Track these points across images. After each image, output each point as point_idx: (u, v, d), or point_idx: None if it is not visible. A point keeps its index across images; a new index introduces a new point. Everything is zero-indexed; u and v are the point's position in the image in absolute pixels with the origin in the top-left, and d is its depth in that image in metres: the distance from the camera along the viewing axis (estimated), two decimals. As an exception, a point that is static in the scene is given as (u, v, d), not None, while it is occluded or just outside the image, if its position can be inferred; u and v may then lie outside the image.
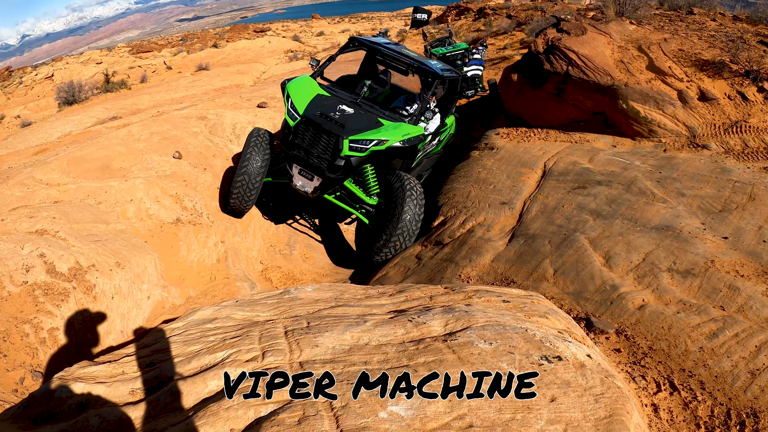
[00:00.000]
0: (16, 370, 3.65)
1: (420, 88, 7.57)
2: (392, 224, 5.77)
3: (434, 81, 6.82)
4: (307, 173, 6.12)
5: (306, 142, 6.08)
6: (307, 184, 6.16)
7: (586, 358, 2.31)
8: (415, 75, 7.55)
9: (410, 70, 7.48)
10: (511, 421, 1.88)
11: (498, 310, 2.74)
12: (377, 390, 1.99)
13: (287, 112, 6.29)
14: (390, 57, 7.27)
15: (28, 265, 4.37)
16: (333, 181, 6.11)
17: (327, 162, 6.01)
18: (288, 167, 6.20)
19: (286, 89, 6.49)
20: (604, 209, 4.98)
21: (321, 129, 5.98)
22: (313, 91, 6.53)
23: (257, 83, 18.63)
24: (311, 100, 6.31)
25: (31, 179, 6.30)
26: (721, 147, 6.15)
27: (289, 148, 6.18)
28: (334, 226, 7.79)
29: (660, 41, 7.41)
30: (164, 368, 2.34)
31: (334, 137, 5.92)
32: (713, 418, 2.59)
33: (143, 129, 8.02)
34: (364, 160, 6.10)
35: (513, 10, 22.84)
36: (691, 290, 3.66)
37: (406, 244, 5.82)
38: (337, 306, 2.94)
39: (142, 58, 37.02)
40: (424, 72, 6.99)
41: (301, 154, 6.11)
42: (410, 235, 5.82)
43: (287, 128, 6.30)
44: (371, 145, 5.89)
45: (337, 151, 5.91)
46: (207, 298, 5.30)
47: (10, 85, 37.02)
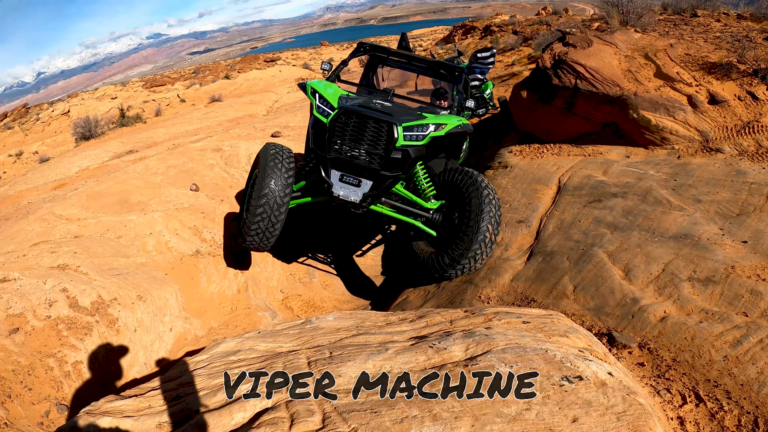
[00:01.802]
0: (42, 403, 3.71)
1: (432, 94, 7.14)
2: (470, 229, 4.90)
3: (461, 75, 6.52)
4: (353, 178, 5.09)
5: (348, 138, 5.05)
6: (353, 191, 5.10)
7: (608, 376, 2.30)
8: (437, 73, 7.03)
9: (431, 68, 6.96)
10: (536, 444, 1.89)
11: (518, 331, 2.74)
12: (401, 417, 2.00)
13: (316, 108, 5.28)
14: (407, 57, 6.92)
15: (51, 300, 4.45)
16: (387, 182, 5.09)
17: (379, 158, 5.01)
18: (324, 175, 5.09)
19: (309, 86, 5.54)
20: (621, 221, 4.96)
21: (367, 118, 5.02)
22: (336, 90, 5.57)
23: (270, 112, 18.84)
24: (340, 97, 5.38)
25: (51, 214, 6.43)
26: (735, 149, 6.11)
27: (325, 149, 5.08)
28: (348, 260, 7.65)
29: (666, 47, 7.41)
30: (190, 401, 2.36)
31: (385, 125, 4.99)
32: (740, 427, 2.56)
33: (160, 162, 8.15)
34: (420, 154, 5.15)
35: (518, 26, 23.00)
36: (713, 298, 3.62)
37: (487, 252, 4.99)
38: (359, 334, 2.96)
39: (155, 92, 37.65)
40: (450, 68, 6.66)
41: (343, 155, 5.04)
42: (492, 241, 4.98)
43: (319, 127, 5.21)
44: (429, 131, 5.07)
45: (391, 142, 4.96)
46: (229, 329, 5.33)
47: (28, 121, 37.88)
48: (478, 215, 4.89)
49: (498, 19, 31.36)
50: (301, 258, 7.33)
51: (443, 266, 5.06)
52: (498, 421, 1.98)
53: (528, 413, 2.02)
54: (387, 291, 6.16)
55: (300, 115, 12.93)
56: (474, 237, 4.87)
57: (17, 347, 3.94)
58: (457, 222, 5.15)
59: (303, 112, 13.42)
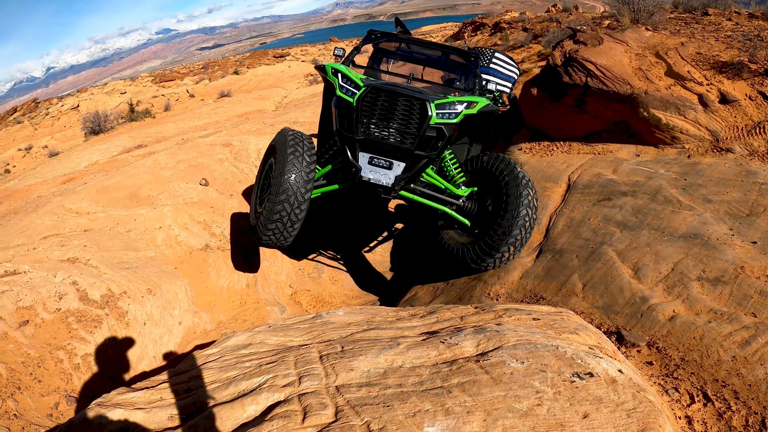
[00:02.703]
0: (51, 395, 3.73)
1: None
2: (508, 217, 4.70)
3: (477, 60, 6.36)
4: (383, 160, 4.78)
5: (377, 117, 4.74)
6: (384, 174, 4.78)
7: (618, 374, 2.30)
8: (450, 60, 6.78)
9: (445, 54, 6.73)
10: (546, 439, 1.89)
11: (528, 328, 2.75)
12: (413, 411, 2.01)
13: (339, 88, 4.94)
14: (418, 43, 6.71)
15: (61, 293, 4.48)
16: (421, 164, 4.79)
17: (412, 137, 4.71)
18: (351, 158, 4.76)
19: (330, 66, 5.24)
20: (631, 220, 4.95)
21: (397, 95, 4.72)
22: (355, 73, 5.25)
23: (279, 108, 18.88)
24: (360, 78, 5.07)
25: (61, 208, 6.47)
26: (745, 149, 6.07)
27: (353, 130, 4.75)
28: (356, 256, 7.67)
29: (677, 46, 7.37)
30: (201, 394, 2.38)
31: (417, 102, 4.70)
32: (748, 427, 2.55)
33: (169, 157, 8.19)
34: (452, 134, 4.82)
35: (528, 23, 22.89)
36: (722, 298, 3.61)
37: (525, 240, 4.79)
38: (369, 329, 2.97)
39: (165, 87, 37.77)
40: (464, 53, 6.48)
41: (373, 135, 4.74)
42: (530, 228, 4.78)
43: (344, 107, 4.86)
44: (462, 108, 4.82)
45: (424, 119, 4.67)
46: (238, 323, 5.36)
47: (37, 116, 38.06)
48: (517, 202, 4.69)
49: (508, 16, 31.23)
50: (311, 255, 7.34)
51: (480, 256, 4.84)
52: (510, 416, 1.98)
53: (539, 409, 2.03)
54: (395, 287, 6.17)
55: (309, 111, 12.94)
56: (513, 224, 4.67)
57: (27, 339, 3.97)
58: (492, 210, 4.95)
59: (312, 107, 13.43)
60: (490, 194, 5.05)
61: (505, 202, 4.76)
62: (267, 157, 5.49)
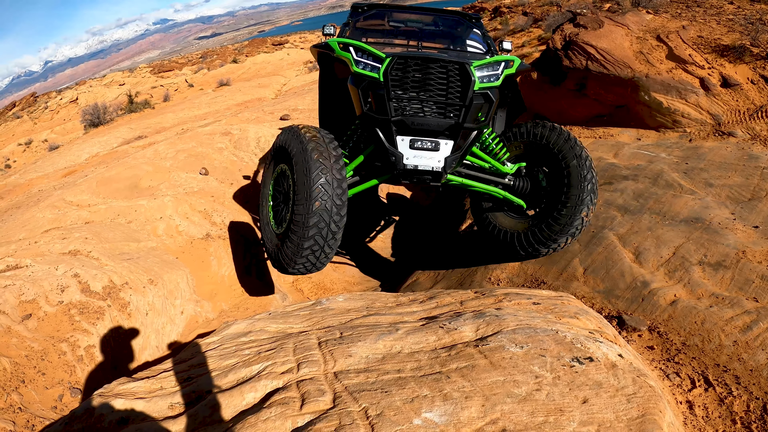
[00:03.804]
0: (55, 387, 3.74)
1: None
2: (570, 204, 4.15)
3: (479, 20, 5.80)
4: (428, 141, 4.03)
5: (411, 90, 4.01)
6: (431, 157, 4.04)
7: (618, 358, 2.30)
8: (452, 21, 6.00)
9: (444, 18, 5.98)
10: (544, 424, 1.89)
11: (528, 312, 2.74)
12: (411, 397, 2.01)
13: (354, 63, 4.14)
14: (413, 11, 6.10)
15: (63, 286, 4.48)
16: (471, 139, 4.10)
17: (457, 108, 3.99)
18: (388, 144, 4.04)
19: (336, 42, 4.39)
20: (632, 204, 4.93)
21: (430, 61, 3.98)
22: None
23: (279, 96, 18.83)
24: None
25: (62, 201, 6.47)
26: (747, 133, 6.05)
27: (386, 110, 3.97)
28: (358, 243, 7.62)
29: (678, 29, 7.32)
30: (201, 382, 2.38)
31: (456, 66, 3.97)
32: (749, 413, 2.55)
33: (169, 147, 8.17)
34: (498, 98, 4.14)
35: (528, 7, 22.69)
36: (723, 283, 3.61)
37: (587, 222, 4.23)
38: (369, 315, 2.97)
39: (163, 78, 37.68)
40: (465, 14, 5.88)
41: (411, 113, 4.00)
42: (590, 216, 4.23)
43: (369, 85, 4.05)
44: (501, 68, 4.15)
45: (468, 86, 3.95)
46: (240, 311, 5.36)
47: (36, 110, 38.05)
48: (581, 186, 4.14)
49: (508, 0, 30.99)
50: None
51: (534, 245, 4.34)
52: (508, 401, 1.98)
53: (538, 393, 2.02)
54: (397, 272, 6.16)
55: (309, 98, 12.90)
56: (575, 213, 4.14)
57: (30, 333, 3.98)
58: (549, 187, 4.42)
59: (312, 94, 13.38)
60: (542, 168, 4.51)
61: (566, 185, 4.21)
62: (273, 163, 4.83)
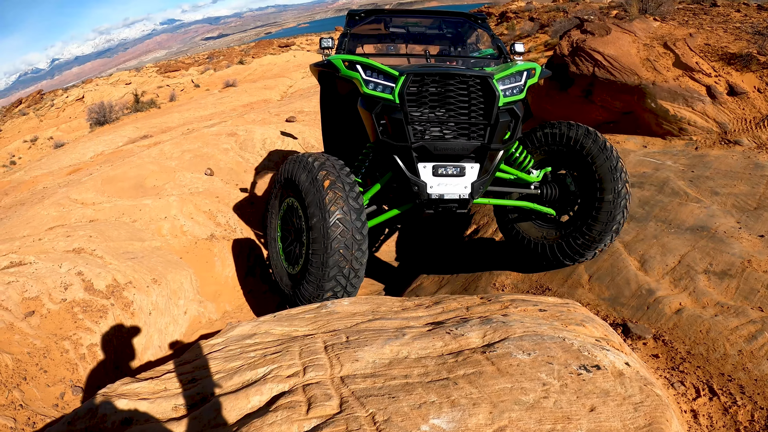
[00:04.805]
0: (57, 385, 3.73)
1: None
2: (607, 199, 3.86)
3: (485, 21, 5.46)
4: (452, 166, 3.69)
5: (429, 111, 3.67)
6: (457, 184, 3.72)
7: (625, 366, 2.29)
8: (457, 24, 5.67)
9: (448, 22, 5.64)
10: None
11: (535, 319, 2.73)
12: (419, 403, 2.00)
13: (364, 84, 3.74)
14: (414, 15, 5.71)
15: (67, 283, 4.48)
16: (497, 160, 3.83)
17: (482, 127, 3.67)
18: (408, 173, 3.69)
19: (340, 60, 3.92)
20: (638, 212, 4.92)
21: (448, 77, 3.63)
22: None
23: (284, 98, 18.84)
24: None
25: (67, 199, 6.47)
26: (754, 142, 6.04)
27: (405, 136, 3.61)
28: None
29: (685, 36, 7.31)
30: (206, 384, 2.37)
31: (478, 81, 3.63)
32: (753, 422, 2.54)
33: (174, 147, 8.18)
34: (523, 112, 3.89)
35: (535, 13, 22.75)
36: (729, 292, 3.60)
37: (620, 229, 4.00)
38: (375, 319, 2.96)
39: (170, 77, 37.72)
40: (467, 15, 5.54)
41: (431, 137, 3.67)
42: (629, 207, 3.96)
43: (384, 108, 3.68)
44: (524, 79, 3.87)
45: (492, 102, 3.62)
46: (243, 313, 5.36)
47: (42, 107, 38.14)
48: (614, 178, 3.86)
49: (514, 5, 31.05)
50: None
51: (578, 251, 4.07)
52: (516, 408, 1.97)
53: (546, 401, 2.01)
54: (401, 276, 6.16)
55: (314, 101, 12.90)
56: (616, 207, 3.87)
57: (33, 330, 3.97)
58: (579, 190, 4.16)
59: (318, 97, 13.36)
60: (569, 171, 4.24)
61: (599, 181, 3.91)
62: (278, 198, 4.48)
